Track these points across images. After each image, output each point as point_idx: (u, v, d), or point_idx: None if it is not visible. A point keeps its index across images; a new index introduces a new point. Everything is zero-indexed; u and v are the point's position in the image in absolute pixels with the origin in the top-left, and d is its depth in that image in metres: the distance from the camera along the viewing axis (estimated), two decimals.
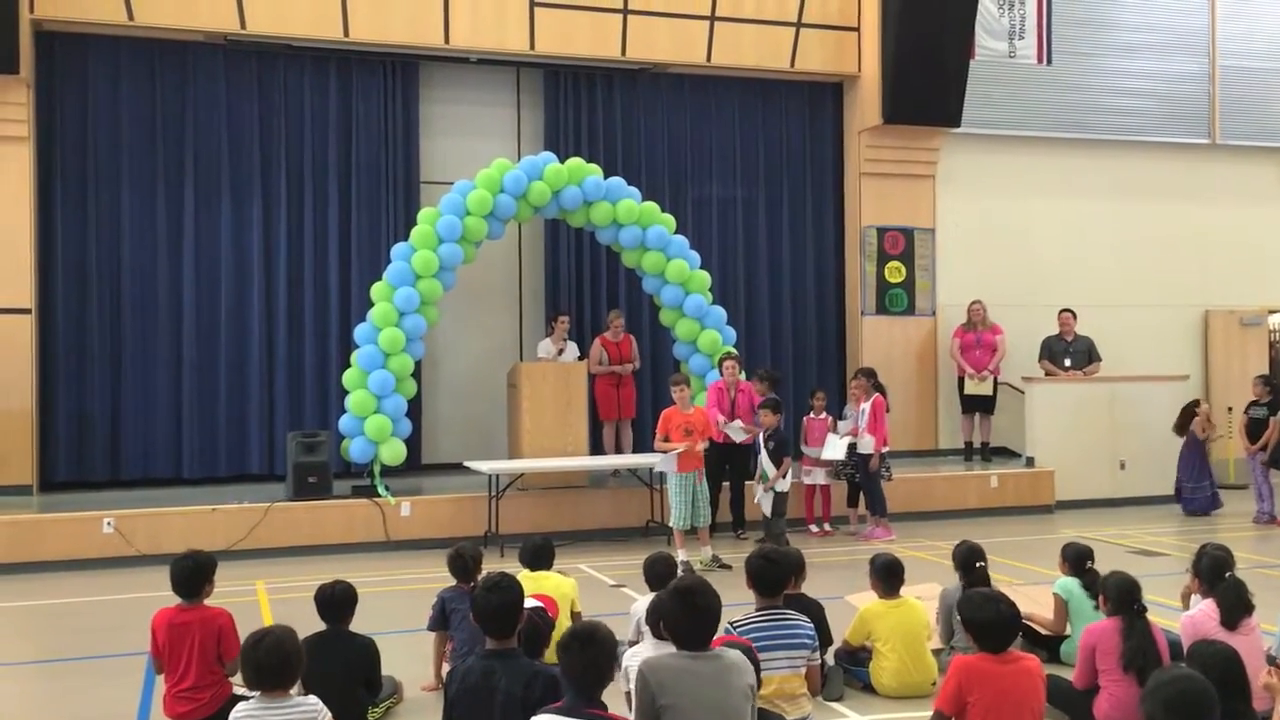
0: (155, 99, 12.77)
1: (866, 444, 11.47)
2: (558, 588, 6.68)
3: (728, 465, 11.24)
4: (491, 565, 5.84)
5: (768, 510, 10.56)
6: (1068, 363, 14.04)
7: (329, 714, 4.40)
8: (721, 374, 11.49)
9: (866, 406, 11.52)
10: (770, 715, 5.04)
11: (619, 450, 12.90)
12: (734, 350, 12.12)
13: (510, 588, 4.32)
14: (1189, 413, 13.09)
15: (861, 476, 11.62)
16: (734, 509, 11.54)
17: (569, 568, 8.45)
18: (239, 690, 5.50)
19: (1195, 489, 12.92)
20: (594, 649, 3.77)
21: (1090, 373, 14.00)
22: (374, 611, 8.01)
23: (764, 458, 10.52)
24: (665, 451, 9.89)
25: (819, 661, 5.59)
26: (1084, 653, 5.59)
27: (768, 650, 5.20)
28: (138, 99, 12.71)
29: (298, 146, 13.23)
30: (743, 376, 11.73)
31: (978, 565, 6.38)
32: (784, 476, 10.54)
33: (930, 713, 4.66)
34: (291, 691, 4.42)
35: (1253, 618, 5.56)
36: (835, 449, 11.51)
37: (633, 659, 5.11)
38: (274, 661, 4.26)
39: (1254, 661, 5.30)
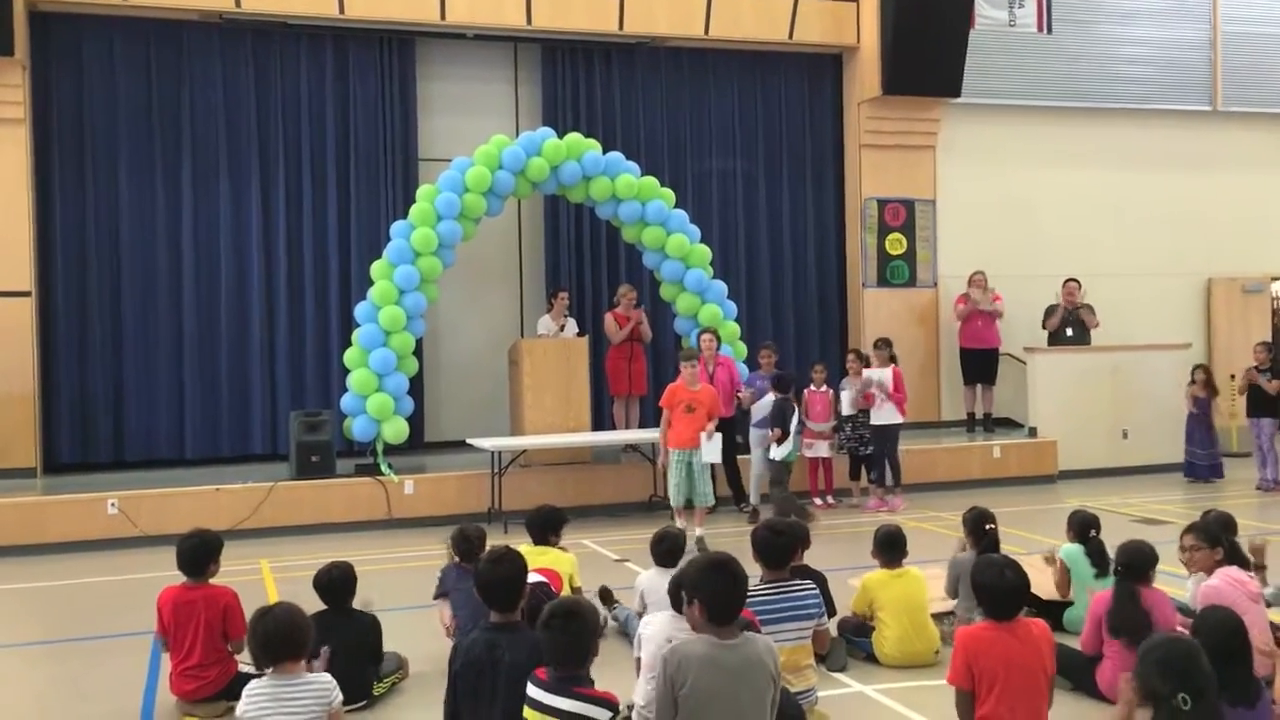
0: (151, 79, 12.72)
1: (886, 414, 11.48)
2: (556, 562, 6.69)
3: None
4: (495, 541, 5.83)
5: (757, 469, 10.53)
6: (1069, 332, 14.00)
7: (340, 695, 4.40)
8: (700, 348, 11.43)
9: (887, 375, 11.51)
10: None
11: (628, 426, 12.91)
12: (707, 326, 12.08)
13: (514, 560, 4.32)
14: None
15: (888, 447, 11.59)
16: (731, 483, 11.55)
17: (571, 543, 8.44)
18: (245, 668, 5.52)
19: (1202, 455, 12.92)
20: (576, 625, 3.76)
21: (1091, 324, 13.96)
22: (378, 588, 8.02)
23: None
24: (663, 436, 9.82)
25: (825, 625, 5.61)
26: (1092, 620, 5.63)
27: (777, 623, 5.21)
28: (134, 79, 12.66)
29: (295, 125, 13.18)
30: (725, 350, 11.75)
31: (988, 528, 6.40)
32: (778, 443, 10.52)
33: (931, 682, 4.67)
34: (301, 666, 4.42)
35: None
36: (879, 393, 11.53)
37: (646, 627, 5.13)
38: (280, 634, 4.25)
39: (1261, 633, 5.34)
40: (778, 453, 10.63)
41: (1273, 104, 16.51)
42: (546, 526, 6.89)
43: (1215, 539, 5.83)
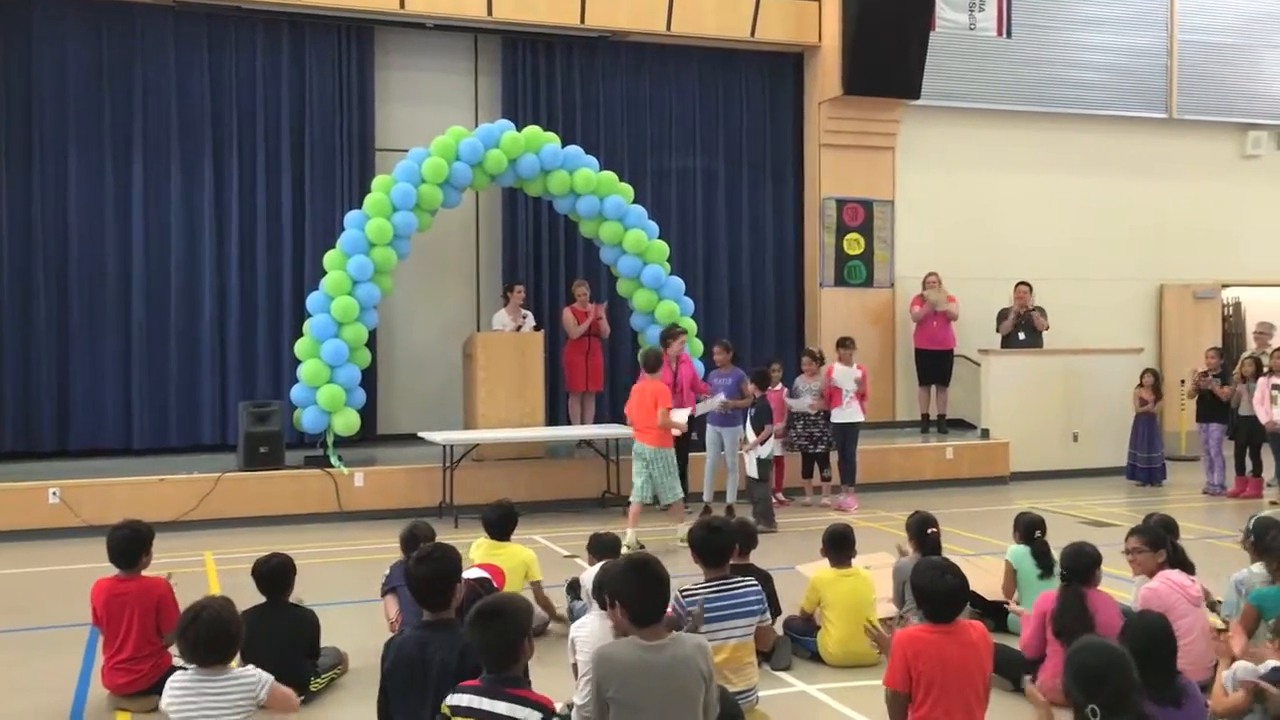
0: (103, 62, 12.48)
1: (849, 413, 11.55)
2: (515, 556, 6.66)
3: None
4: (446, 536, 5.77)
5: (752, 471, 10.55)
6: (1021, 336, 14.11)
7: (269, 681, 4.34)
8: (667, 348, 11.33)
9: (853, 373, 11.59)
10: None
11: (583, 421, 12.84)
12: (681, 324, 12.01)
13: (442, 559, 4.24)
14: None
15: (848, 446, 11.65)
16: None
17: (523, 538, 8.37)
18: (179, 661, 5.41)
19: (1145, 459, 13.07)
20: (501, 623, 3.69)
21: (1041, 326, 14.10)
22: (325, 582, 7.97)
23: (748, 425, 10.63)
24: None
25: (769, 621, 5.60)
26: (1035, 621, 5.66)
27: (719, 621, 5.19)
28: (85, 62, 12.41)
29: (250, 111, 12.98)
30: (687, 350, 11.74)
31: (929, 532, 6.42)
32: (763, 443, 10.52)
33: (874, 682, 4.65)
34: (231, 664, 4.36)
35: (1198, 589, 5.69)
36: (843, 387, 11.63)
37: (578, 630, 5.08)
38: (210, 637, 4.19)
39: (1201, 638, 5.40)
40: (762, 451, 10.58)
41: (1226, 112, 16.70)
42: (505, 522, 6.82)
43: (1157, 542, 5.88)
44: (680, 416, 9.99)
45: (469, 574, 6.03)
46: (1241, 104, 16.74)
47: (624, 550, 6.85)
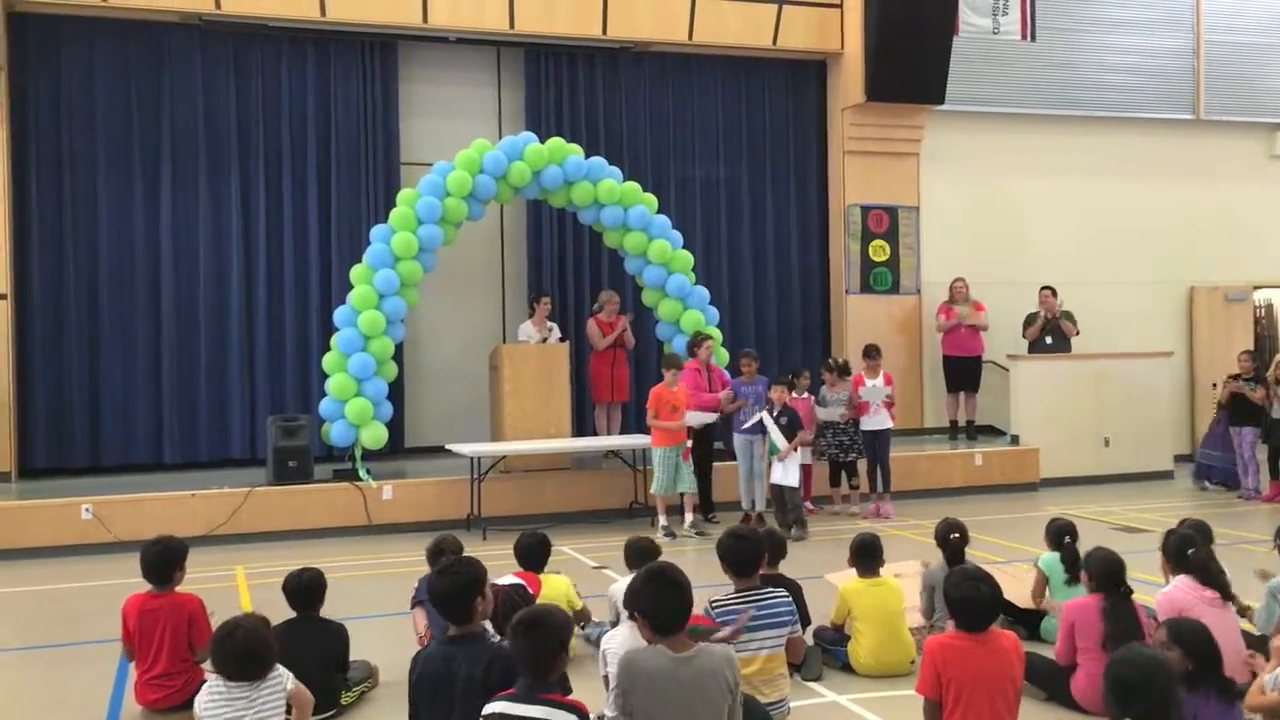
0: (130, 81, 12.61)
1: (879, 420, 11.58)
2: (554, 588, 6.49)
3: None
4: (474, 548, 5.77)
5: (794, 481, 10.52)
6: (1049, 340, 14.02)
7: (293, 679, 4.40)
8: (697, 355, 11.40)
9: (879, 383, 11.63)
10: (746, 699, 5.00)
11: (609, 432, 12.85)
12: (706, 331, 12.04)
13: (463, 572, 4.23)
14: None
15: (880, 453, 11.66)
16: (704, 493, 11.47)
17: (553, 551, 8.37)
18: (210, 677, 5.44)
19: (1221, 459, 12.87)
20: (539, 633, 3.71)
21: (1070, 333, 14.02)
22: (354, 595, 8.00)
23: (774, 433, 10.55)
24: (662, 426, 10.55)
25: (800, 632, 5.58)
26: (1064, 629, 5.60)
27: (748, 631, 5.17)
28: (113, 81, 12.56)
29: (275, 128, 13.08)
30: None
31: (951, 538, 6.38)
32: (795, 450, 10.52)
33: (906, 692, 4.63)
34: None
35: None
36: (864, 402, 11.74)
37: (609, 641, 5.07)
38: (243, 655, 4.24)
39: (1230, 636, 5.31)
40: (795, 460, 10.61)
41: (1254, 113, 16.54)
42: (536, 550, 6.63)
43: (1179, 560, 5.77)
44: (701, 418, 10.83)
45: (504, 581, 6.03)
46: (1270, 104, 16.59)
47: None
